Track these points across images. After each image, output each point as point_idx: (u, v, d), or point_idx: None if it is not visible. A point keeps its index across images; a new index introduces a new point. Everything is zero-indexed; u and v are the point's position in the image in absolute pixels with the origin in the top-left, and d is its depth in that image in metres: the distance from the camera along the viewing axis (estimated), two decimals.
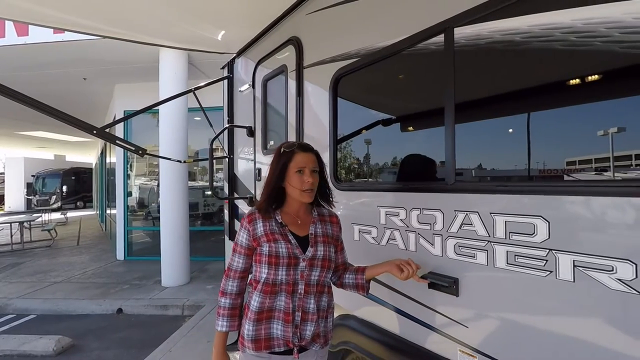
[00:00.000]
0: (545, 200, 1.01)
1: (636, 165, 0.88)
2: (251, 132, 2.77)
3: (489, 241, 1.14)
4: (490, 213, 1.14)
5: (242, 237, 1.27)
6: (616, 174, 0.91)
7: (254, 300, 1.23)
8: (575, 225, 0.95)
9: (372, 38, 1.61)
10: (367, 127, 1.83)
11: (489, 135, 1.22)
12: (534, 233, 1.03)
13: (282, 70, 2.34)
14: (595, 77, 0.97)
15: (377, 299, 1.60)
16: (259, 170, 2.65)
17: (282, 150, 1.27)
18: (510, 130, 1.16)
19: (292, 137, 2.21)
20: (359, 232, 1.69)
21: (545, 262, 1.01)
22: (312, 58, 2.05)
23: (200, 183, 8.05)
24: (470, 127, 1.27)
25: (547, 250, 1.00)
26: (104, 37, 2.51)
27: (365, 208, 1.66)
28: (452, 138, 1.26)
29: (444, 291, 1.28)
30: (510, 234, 1.09)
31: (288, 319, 1.22)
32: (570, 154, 1.02)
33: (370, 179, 1.74)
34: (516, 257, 1.07)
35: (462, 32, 1.24)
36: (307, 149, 1.30)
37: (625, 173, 0.90)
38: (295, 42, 2.17)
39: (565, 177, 1.00)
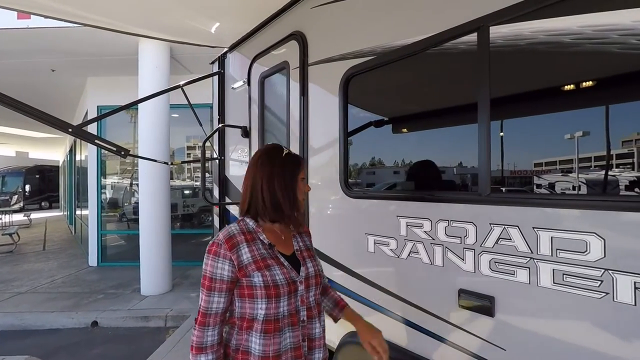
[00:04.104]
0: (601, 216, 0.93)
1: None
2: (246, 133, 2.59)
3: (531, 258, 1.06)
4: (533, 228, 1.05)
5: (222, 269, 0.99)
6: None
7: (254, 343, 1.00)
8: (638, 244, 0.88)
9: (390, 35, 1.50)
10: (380, 127, 1.72)
11: (531, 142, 1.14)
12: (586, 251, 0.95)
13: (282, 67, 2.18)
14: None
15: (395, 315, 1.50)
16: None
17: (285, 152, 1.12)
18: (558, 137, 1.07)
19: (294, 139, 2.07)
20: (375, 243, 1.57)
21: (600, 282, 0.93)
22: (318, 55, 1.91)
23: (177, 182, 7.68)
24: (508, 132, 1.19)
25: (603, 270, 0.93)
26: (81, 24, 2.24)
27: (382, 218, 1.54)
28: (486, 146, 1.17)
29: (477, 310, 1.19)
30: (558, 250, 1.00)
31: (299, 355, 1.05)
32: (630, 165, 0.95)
33: (387, 187, 1.63)
34: (564, 276, 0.99)
35: (498, 32, 1.15)
36: None
37: None
38: (299, 38, 2.02)
39: (625, 190, 0.93)
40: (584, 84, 1.02)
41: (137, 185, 6.94)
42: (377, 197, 1.60)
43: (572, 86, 1.04)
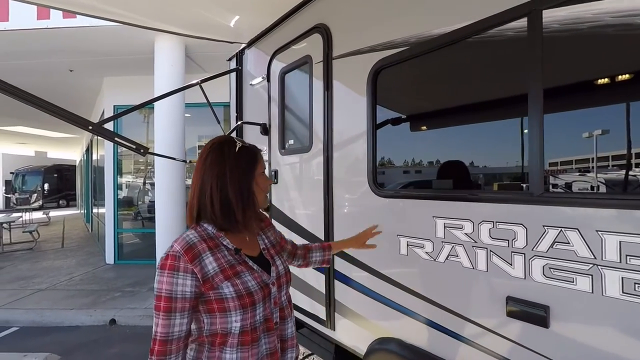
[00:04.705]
0: None
1: None
2: (265, 130, 2.53)
3: (594, 264, 0.96)
4: (597, 231, 0.95)
5: (184, 285, 0.86)
6: None
7: None
8: None
9: (426, 24, 1.41)
10: (412, 122, 1.63)
11: (591, 135, 1.03)
12: None
13: (305, 61, 2.11)
14: None
15: (429, 321, 1.41)
16: (276, 172, 2.41)
17: (239, 146, 1.00)
18: (625, 129, 0.97)
19: (317, 136, 1.99)
20: (407, 245, 1.48)
21: None
22: (343, 48, 1.83)
23: (189, 181, 7.71)
24: (564, 126, 1.08)
25: None
26: (100, 18, 2.21)
27: (416, 218, 1.45)
28: (539, 141, 1.06)
29: (529, 320, 1.09)
30: (628, 257, 0.90)
31: (276, 359, 1.01)
32: None
33: (422, 185, 1.54)
34: (636, 285, 0.89)
35: (553, 15, 1.05)
36: None
37: None
38: (323, 30, 1.94)
39: None
40: None
41: (150, 184, 7.01)
42: (411, 196, 1.51)
43: None
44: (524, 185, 1.14)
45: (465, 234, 1.26)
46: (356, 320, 1.77)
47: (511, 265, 1.13)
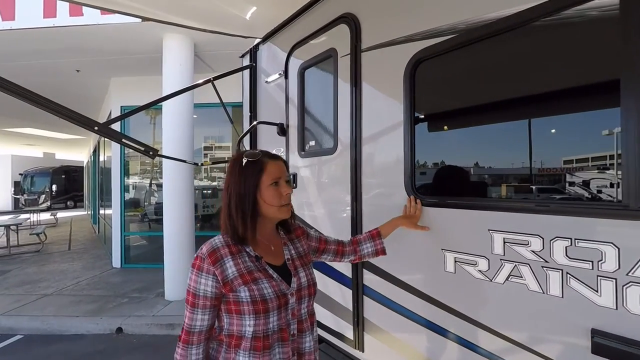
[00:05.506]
0: None
1: None
2: (283, 131, 2.36)
3: None
4: None
5: (206, 285, 0.96)
6: None
7: None
8: None
9: (479, 7, 1.22)
10: (460, 120, 1.44)
11: None
12: None
13: (329, 55, 1.93)
14: None
15: (481, 349, 1.22)
16: (294, 175, 2.24)
17: (244, 160, 1.02)
18: None
19: (343, 137, 1.81)
20: (455, 261, 1.29)
21: None
22: (374, 39, 1.65)
23: (197, 183, 7.59)
24: None
25: None
26: (105, 9, 2.07)
27: (467, 231, 1.26)
28: (637, 140, 0.87)
29: None
30: None
31: None
32: None
33: (474, 192, 1.35)
34: None
35: None
36: (276, 156, 1.08)
37: None
38: (351, 20, 1.76)
39: None
40: None
41: (157, 185, 6.90)
42: (459, 205, 1.32)
43: None
44: (611, 194, 0.95)
45: (532, 251, 1.07)
46: (390, 342, 1.58)
47: (597, 292, 0.94)
